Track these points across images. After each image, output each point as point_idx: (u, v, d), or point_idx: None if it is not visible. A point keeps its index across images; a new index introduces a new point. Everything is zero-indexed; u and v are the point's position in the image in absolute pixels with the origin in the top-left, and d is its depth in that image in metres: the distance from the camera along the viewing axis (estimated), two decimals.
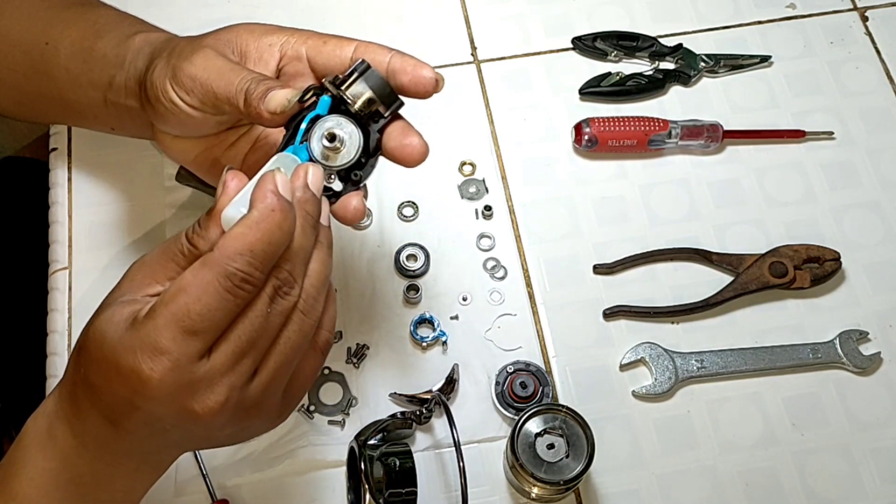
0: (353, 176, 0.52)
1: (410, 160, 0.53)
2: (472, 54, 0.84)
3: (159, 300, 0.45)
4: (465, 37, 0.85)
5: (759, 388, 0.71)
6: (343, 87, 0.51)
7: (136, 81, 0.60)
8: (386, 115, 0.52)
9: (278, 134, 0.53)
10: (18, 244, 0.94)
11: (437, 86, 0.54)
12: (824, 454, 0.69)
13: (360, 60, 0.52)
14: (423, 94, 0.54)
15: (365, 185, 0.54)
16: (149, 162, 0.77)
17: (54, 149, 0.78)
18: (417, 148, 0.53)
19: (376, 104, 0.52)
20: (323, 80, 0.52)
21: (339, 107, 0.52)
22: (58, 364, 0.70)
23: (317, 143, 0.51)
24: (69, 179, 0.77)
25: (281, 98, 0.51)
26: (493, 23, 0.85)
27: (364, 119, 0.52)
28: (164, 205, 0.76)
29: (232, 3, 0.85)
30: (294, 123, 0.52)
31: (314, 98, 0.51)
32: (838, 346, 0.72)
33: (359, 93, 0.51)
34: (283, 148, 0.52)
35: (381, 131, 0.53)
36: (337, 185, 0.52)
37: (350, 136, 0.51)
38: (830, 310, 0.74)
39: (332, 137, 0.51)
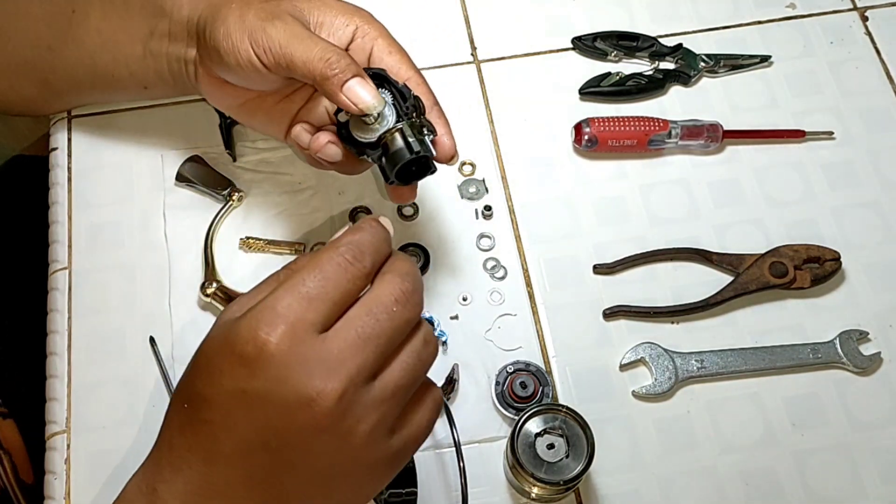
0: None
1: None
2: (472, 54, 0.84)
3: (279, 279, 0.46)
4: (465, 37, 0.85)
5: (759, 388, 0.71)
6: (416, 114, 0.58)
7: (183, 26, 0.62)
8: (415, 151, 0.58)
9: None
10: (20, 244, 0.94)
11: (451, 159, 0.60)
12: (824, 454, 0.69)
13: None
14: (440, 158, 0.60)
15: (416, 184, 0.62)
16: (149, 162, 0.77)
17: (54, 148, 0.78)
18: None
19: (421, 137, 0.58)
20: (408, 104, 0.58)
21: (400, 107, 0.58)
22: (57, 364, 0.69)
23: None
24: (69, 179, 0.77)
25: (370, 101, 0.55)
26: (493, 23, 0.85)
27: (406, 127, 0.58)
28: (164, 205, 0.76)
29: None
30: None
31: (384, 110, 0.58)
32: (838, 346, 0.72)
33: (422, 126, 0.58)
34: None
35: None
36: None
37: (387, 115, 0.57)
38: (830, 310, 0.74)
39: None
